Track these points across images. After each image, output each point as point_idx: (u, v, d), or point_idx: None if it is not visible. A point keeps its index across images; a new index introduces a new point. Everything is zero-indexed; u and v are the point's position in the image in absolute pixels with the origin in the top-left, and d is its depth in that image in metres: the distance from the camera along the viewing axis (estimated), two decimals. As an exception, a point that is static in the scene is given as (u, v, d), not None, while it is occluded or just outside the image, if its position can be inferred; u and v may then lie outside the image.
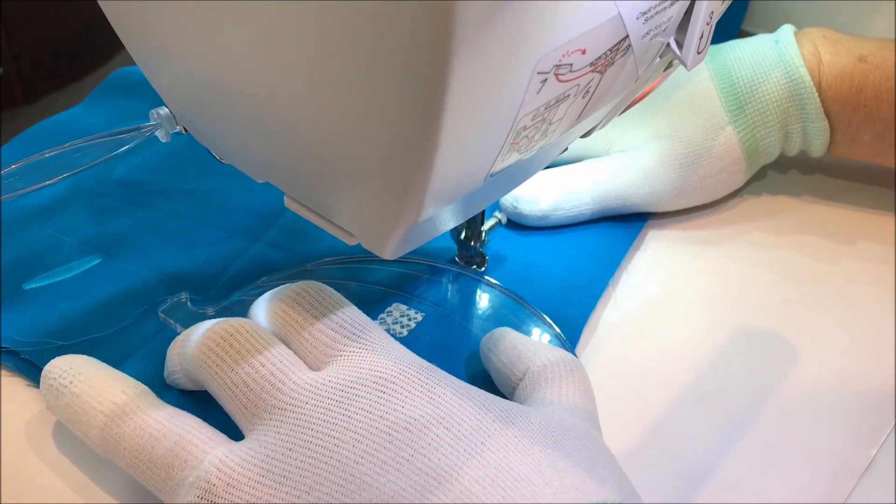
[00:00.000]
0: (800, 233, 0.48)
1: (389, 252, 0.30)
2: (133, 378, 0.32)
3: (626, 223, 0.46)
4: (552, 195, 0.45)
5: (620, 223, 0.46)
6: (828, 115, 0.45)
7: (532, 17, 0.22)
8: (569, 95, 0.26)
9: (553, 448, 0.28)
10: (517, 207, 0.45)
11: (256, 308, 0.33)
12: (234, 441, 0.29)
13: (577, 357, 0.38)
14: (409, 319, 0.39)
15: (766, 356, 0.40)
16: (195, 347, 0.31)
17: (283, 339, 0.32)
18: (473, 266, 0.42)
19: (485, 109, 0.24)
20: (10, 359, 0.37)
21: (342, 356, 0.30)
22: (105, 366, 0.33)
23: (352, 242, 0.31)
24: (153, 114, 0.34)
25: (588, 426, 0.31)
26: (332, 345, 0.31)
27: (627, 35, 0.26)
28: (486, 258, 0.42)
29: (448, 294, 0.41)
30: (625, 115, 0.46)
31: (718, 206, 0.48)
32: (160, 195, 0.47)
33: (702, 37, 0.29)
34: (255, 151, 0.32)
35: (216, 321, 0.32)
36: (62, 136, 0.49)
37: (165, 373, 0.35)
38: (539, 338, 0.38)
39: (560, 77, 0.25)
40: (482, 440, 0.28)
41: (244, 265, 0.42)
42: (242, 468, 0.28)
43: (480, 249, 0.41)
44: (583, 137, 0.35)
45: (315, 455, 0.27)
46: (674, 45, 0.29)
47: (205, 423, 0.30)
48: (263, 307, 0.33)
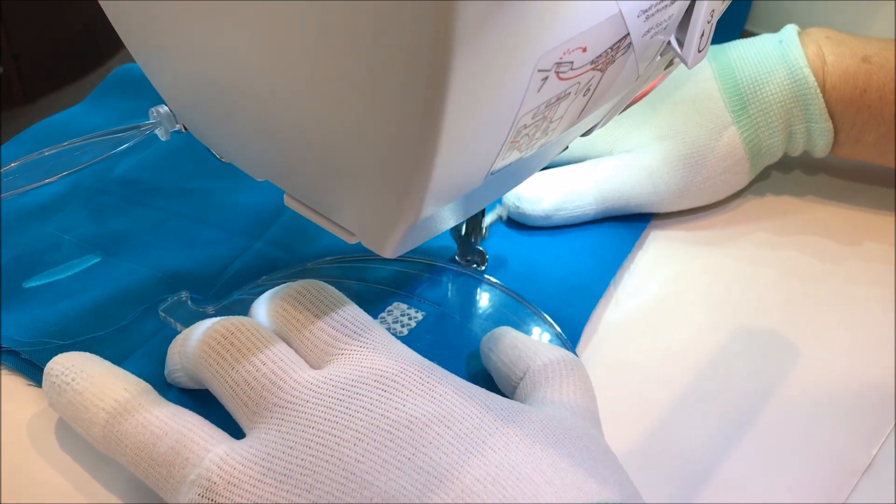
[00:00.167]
0: (803, 233, 0.47)
1: (390, 251, 0.30)
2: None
3: (630, 223, 0.46)
4: (554, 195, 0.45)
5: (623, 223, 0.46)
6: (832, 116, 0.45)
7: (532, 16, 0.22)
8: (569, 93, 0.26)
9: (554, 447, 0.28)
10: (520, 207, 0.45)
11: (257, 307, 0.33)
12: (235, 439, 0.29)
13: (578, 357, 0.38)
14: (410, 318, 0.39)
15: (768, 356, 0.40)
16: (196, 346, 0.31)
17: (284, 338, 0.32)
18: (473, 265, 0.42)
19: (485, 108, 0.24)
20: (11, 358, 0.37)
21: (343, 355, 0.30)
22: (107, 363, 0.33)
23: (352, 241, 0.31)
24: (153, 112, 0.34)
25: (589, 426, 0.31)
26: (333, 343, 0.31)
27: (628, 33, 0.26)
28: (487, 257, 0.42)
29: (449, 293, 0.41)
30: (628, 116, 0.46)
31: (721, 207, 0.48)
32: (160, 194, 0.47)
33: (702, 35, 0.29)
34: (256, 150, 0.32)
35: (217, 320, 0.32)
36: (62, 136, 0.49)
37: (166, 371, 0.35)
38: (540, 337, 0.38)
39: (561, 75, 0.25)
40: (483, 439, 0.28)
41: (244, 264, 0.42)
42: (243, 466, 0.28)
43: (480, 248, 0.41)
44: (584, 136, 0.35)
45: (316, 453, 0.27)
46: (675, 44, 0.29)
47: (206, 421, 0.30)
48: (264, 306, 0.33)
